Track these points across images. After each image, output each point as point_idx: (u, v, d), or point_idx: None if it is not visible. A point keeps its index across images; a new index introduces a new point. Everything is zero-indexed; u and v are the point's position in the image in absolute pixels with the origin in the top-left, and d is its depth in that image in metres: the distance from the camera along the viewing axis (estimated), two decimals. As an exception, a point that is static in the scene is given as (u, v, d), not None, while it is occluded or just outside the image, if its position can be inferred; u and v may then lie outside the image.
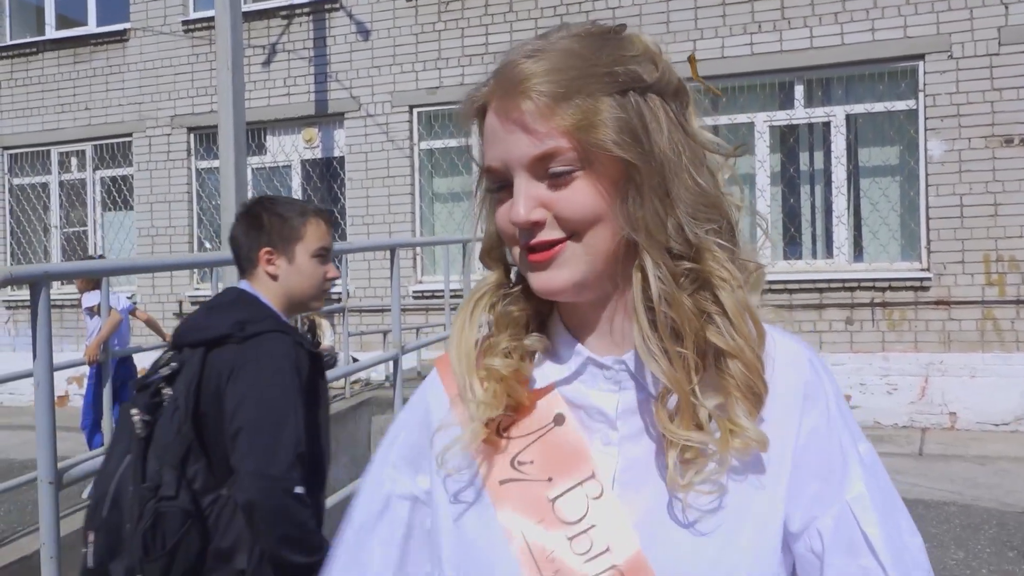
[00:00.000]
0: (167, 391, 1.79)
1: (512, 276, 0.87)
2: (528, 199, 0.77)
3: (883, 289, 7.80)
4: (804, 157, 8.36)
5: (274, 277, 1.99)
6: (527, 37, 0.84)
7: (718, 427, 0.75)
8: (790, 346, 0.83)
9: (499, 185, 0.80)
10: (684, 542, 0.75)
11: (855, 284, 7.85)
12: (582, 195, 0.76)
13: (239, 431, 1.73)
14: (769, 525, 0.76)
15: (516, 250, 0.80)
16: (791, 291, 7.99)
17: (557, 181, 0.76)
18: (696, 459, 0.75)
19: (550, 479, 0.79)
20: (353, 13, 9.59)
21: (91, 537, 1.77)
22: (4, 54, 11.18)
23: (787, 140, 8.31)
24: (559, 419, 0.82)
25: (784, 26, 8.05)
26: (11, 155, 11.30)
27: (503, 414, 0.81)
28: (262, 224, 2.00)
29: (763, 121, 8.26)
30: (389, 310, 9.10)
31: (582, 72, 0.75)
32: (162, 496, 1.70)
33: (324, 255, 2.06)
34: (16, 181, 11.33)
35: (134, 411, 1.78)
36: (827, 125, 8.12)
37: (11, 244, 11.31)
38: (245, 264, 2.03)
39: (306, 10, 9.80)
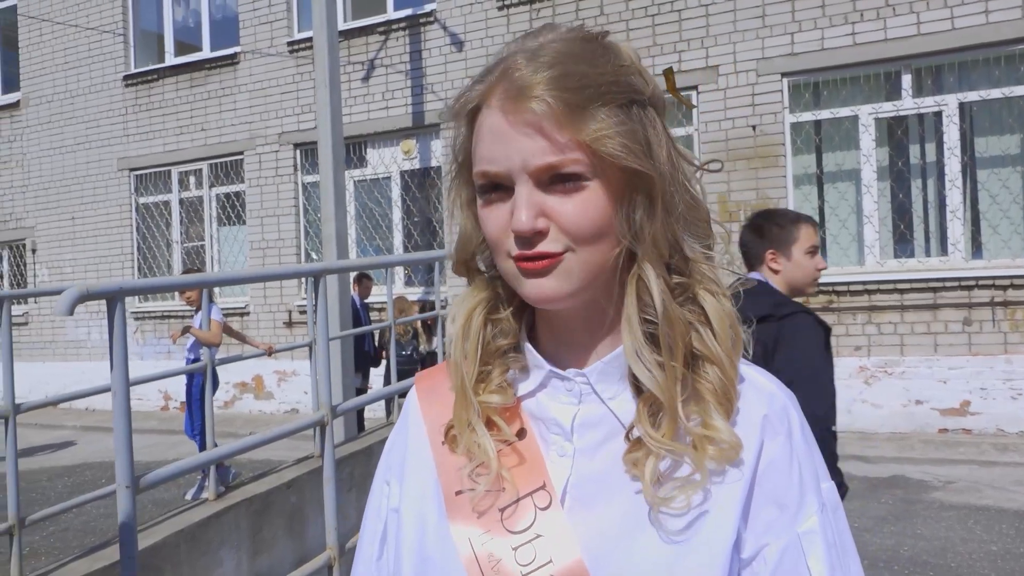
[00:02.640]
0: None
1: (500, 291, 0.84)
2: (532, 207, 0.73)
3: (1004, 287, 7.29)
4: (914, 150, 7.93)
5: (775, 272, 2.62)
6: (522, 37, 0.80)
7: (692, 440, 0.76)
8: (759, 381, 0.83)
9: (490, 188, 0.77)
10: (631, 559, 0.74)
11: (973, 283, 7.38)
12: (590, 206, 0.74)
13: (791, 383, 2.13)
14: (719, 544, 0.74)
15: (503, 259, 0.77)
16: (902, 291, 7.59)
17: (564, 189, 0.74)
18: (673, 472, 0.75)
19: (503, 490, 0.79)
20: (447, 25, 9.77)
21: None
22: (129, 82, 11.97)
23: (894, 133, 7.91)
24: (521, 434, 0.82)
25: (888, 13, 7.67)
26: (137, 176, 12.08)
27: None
28: (764, 232, 2.65)
29: (868, 114, 7.89)
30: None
31: (592, 80, 0.73)
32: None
33: (814, 252, 2.65)
34: (141, 200, 12.10)
35: None
36: (938, 115, 7.68)
37: (138, 259, 12.08)
38: (754, 261, 2.69)
39: (402, 25, 10.05)
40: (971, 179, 7.67)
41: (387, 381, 7.60)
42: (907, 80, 7.75)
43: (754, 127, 8.19)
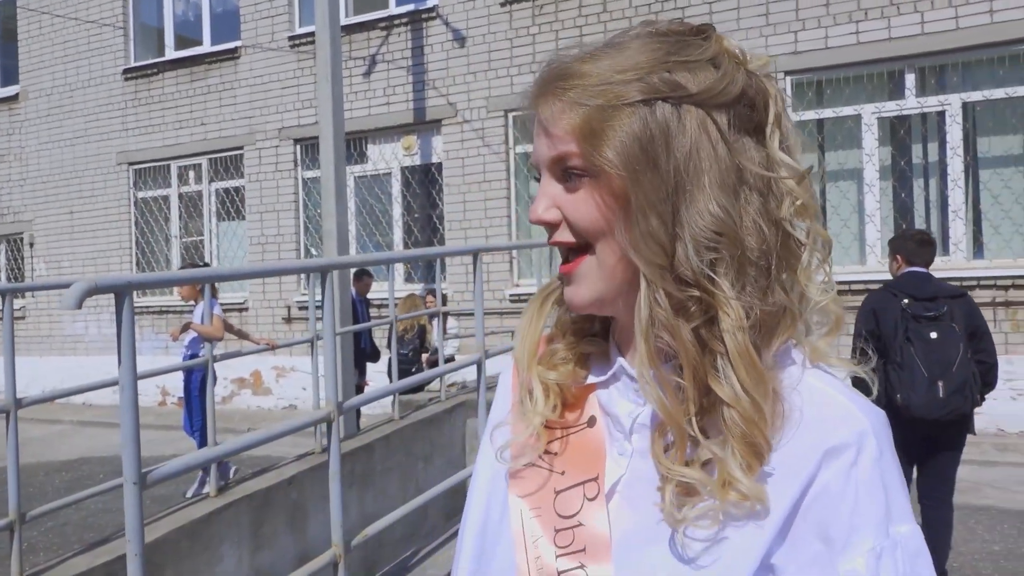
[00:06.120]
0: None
1: None
2: (544, 198, 0.79)
3: (1006, 287, 7.29)
4: (916, 149, 7.92)
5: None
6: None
7: (717, 469, 0.73)
8: (833, 407, 0.74)
9: (538, 179, 0.82)
10: (651, 570, 0.74)
11: (974, 283, 7.37)
12: (586, 203, 0.76)
13: (984, 334, 4.08)
14: (744, 565, 0.71)
15: None
16: (903, 291, 7.58)
17: (569, 185, 0.77)
18: (693, 495, 0.73)
19: (563, 472, 0.81)
20: (449, 21, 9.74)
21: (941, 384, 3.87)
22: (129, 76, 11.93)
23: (897, 132, 7.90)
24: (591, 421, 0.83)
25: (892, 12, 7.66)
26: (136, 170, 12.03)
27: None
28: (933, 246, 4.37)
29: (871, 113, 7.88)
30: (504, 313, 9.19)
31: (607, 78, 0.74)
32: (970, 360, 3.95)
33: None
34: (140, 195, 12.06)
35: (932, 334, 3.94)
36: (941, 115, 7.67)
37: (136, 254, 12.04)
38: (925, 262, 4.21)
39: (404, 20, 10.01)
40: (973, 179, 7.66)
41: (391, 378, 7.58)
42: (911, 79, 7.74)
43: (756, 125, 8.16)
